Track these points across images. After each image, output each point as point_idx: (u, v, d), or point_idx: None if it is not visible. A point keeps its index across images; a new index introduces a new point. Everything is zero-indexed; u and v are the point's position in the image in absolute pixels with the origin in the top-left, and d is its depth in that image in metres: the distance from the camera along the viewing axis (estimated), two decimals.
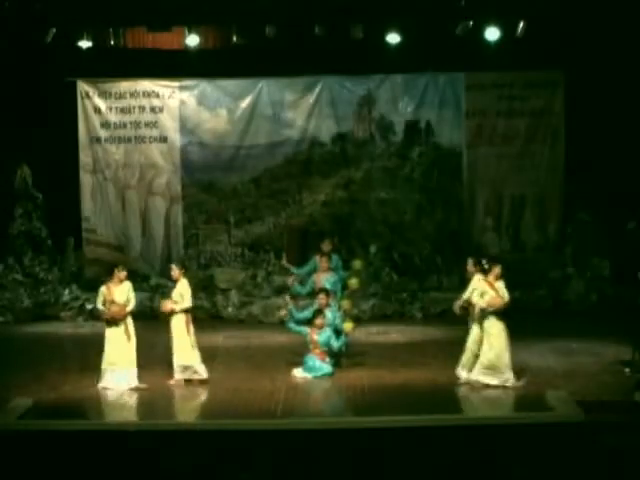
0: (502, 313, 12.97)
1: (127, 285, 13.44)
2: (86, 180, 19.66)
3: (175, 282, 13.62)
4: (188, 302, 13.41)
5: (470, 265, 13.39)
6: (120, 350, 13.16)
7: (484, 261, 13.23)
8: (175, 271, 13.63)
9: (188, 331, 13.40)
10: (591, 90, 18.34)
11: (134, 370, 13.24)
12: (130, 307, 13.32)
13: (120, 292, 13.34)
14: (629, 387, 12.45)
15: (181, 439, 11.14)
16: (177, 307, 13.38)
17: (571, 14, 17.11)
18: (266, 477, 10.74)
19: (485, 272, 13.07)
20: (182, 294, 13.42)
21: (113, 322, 13.22)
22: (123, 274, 13.46)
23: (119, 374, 13.14)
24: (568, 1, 17.05)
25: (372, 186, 19.65)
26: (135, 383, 13.18)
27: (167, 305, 13.49)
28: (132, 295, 13.41)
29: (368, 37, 17.76)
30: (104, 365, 13.21)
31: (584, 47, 17.98)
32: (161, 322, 17.33)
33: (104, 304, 13.29)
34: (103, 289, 13.38)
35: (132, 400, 12.74)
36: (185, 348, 13.37)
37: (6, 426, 11.42)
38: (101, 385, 13.16)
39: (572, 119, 19.10)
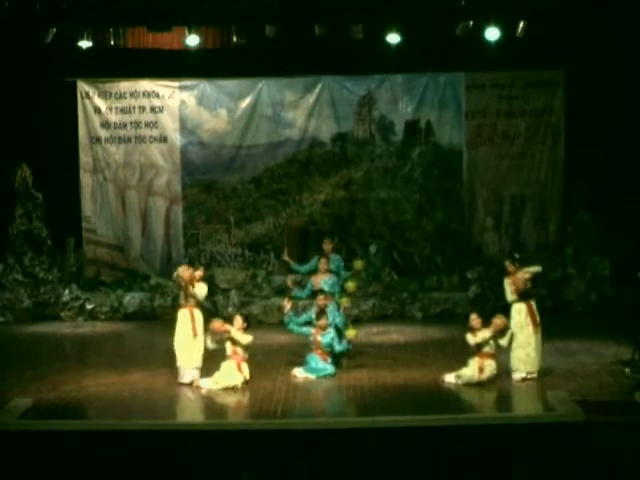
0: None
1: (248, 337, 13.35)
2: (86, 180, 19.64)
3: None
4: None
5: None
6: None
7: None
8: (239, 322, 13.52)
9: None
10: (591, 90, 18.34)
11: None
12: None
13: (243, 337, 13.29)
14: (629, 387, 12.45)
15: (181, 439, 11.14)
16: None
17: (571, 14, 17.11)
18: (266, 477, 10.74)
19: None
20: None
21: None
22: (239, 323, 13.43)
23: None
24: (568, 1, 17.05)
25: (372, 186, 19.65)
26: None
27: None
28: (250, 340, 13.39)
29: (368, 37, 17.75)
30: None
31: (584, 47, 17.98)
32: (161, 322, 17.50)
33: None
34: (230, 338, 13.29)
35: (132, 400, 12.73)
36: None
37: (6, 426, 11.40)
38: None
39: (572, 119, 19.10)
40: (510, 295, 13.47)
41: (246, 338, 13.29)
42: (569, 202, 19.26)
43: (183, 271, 13.60)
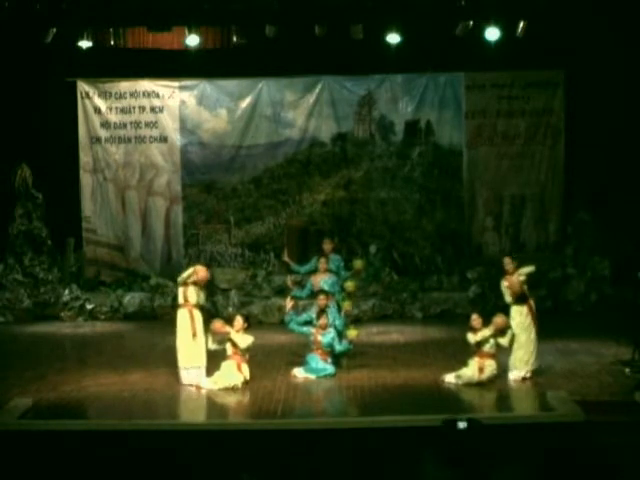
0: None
1: (248, 339, 13.33)
2: (86, 180, 19.64)
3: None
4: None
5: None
6: None
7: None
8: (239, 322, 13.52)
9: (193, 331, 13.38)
10: (591, 90, 18.34)
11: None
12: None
13: (242, 339, 13.31)
14: (629, 387, 12.45)
15: (181, 439, 11.14)
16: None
17: (571, 14, 17.11)
18: (266, 477, 10.73)
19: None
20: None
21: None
22: (239, 323, 13.42)
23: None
24: (568, 1, 17.05)
25: (372, 186, 19.64)
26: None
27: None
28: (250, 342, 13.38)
29: (368, 37, 17.75)
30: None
31: (584, 47, 17.98)
32: (161, 322, 17.50)
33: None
34: (229, 339, 13.31)
35: (132, 400, 12.73)
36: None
37: (6, 426, 11.41)
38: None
39: (572, 119, 19.10)
40: (507, 297, 13.48)
41: (246, 341, 13.26)
42: (569, 202, 19.26)
43: (202, 269, 13.59)
